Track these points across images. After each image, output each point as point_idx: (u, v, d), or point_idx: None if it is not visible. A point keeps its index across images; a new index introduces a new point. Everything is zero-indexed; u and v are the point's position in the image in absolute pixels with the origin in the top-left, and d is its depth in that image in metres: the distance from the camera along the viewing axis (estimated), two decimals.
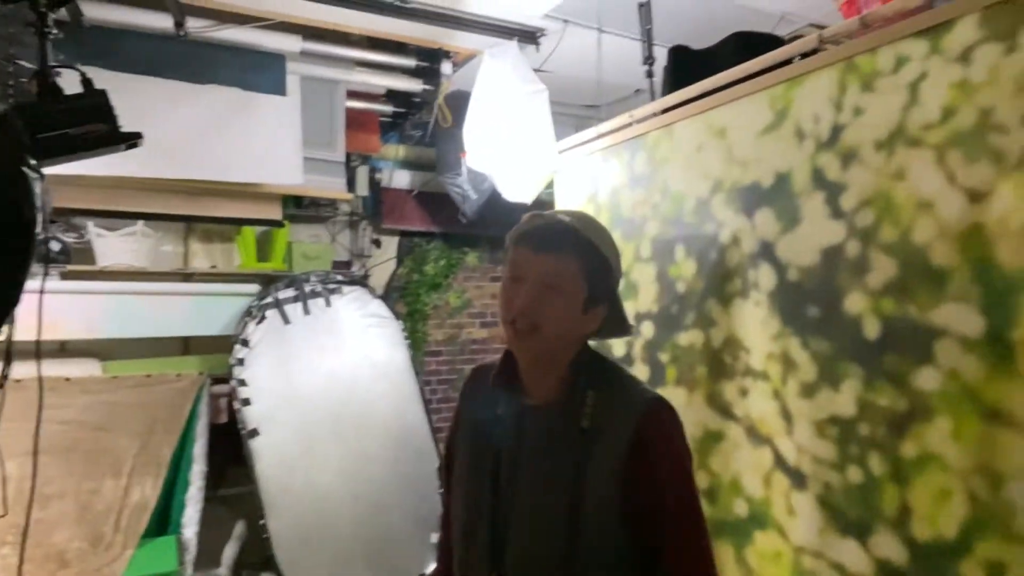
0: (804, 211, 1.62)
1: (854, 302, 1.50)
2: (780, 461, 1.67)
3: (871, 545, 1.46)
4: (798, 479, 1.62)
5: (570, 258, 1.15)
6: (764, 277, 1.73)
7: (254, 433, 3.14)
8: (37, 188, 1.35)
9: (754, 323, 1.76)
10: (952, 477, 1.31)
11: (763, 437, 1.72)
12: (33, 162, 1.36)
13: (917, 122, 1.38)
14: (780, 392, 1.68)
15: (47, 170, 1.40)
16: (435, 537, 3.54)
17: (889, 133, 1.43)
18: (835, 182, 1.55)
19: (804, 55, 1.66)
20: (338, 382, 3.46)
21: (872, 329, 1.46)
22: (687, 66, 2.19)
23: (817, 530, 1.57)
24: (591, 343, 1.24)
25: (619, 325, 1.24)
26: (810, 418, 1.60)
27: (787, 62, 1.70)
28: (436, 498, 3.58)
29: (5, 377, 1.49)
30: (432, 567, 3.46)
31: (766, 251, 1.72)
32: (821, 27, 1.73)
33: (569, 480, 1.11)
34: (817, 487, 1.58)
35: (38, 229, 1.34)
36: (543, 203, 3.26)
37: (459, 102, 3.48)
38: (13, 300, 1.34)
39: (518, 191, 3.08)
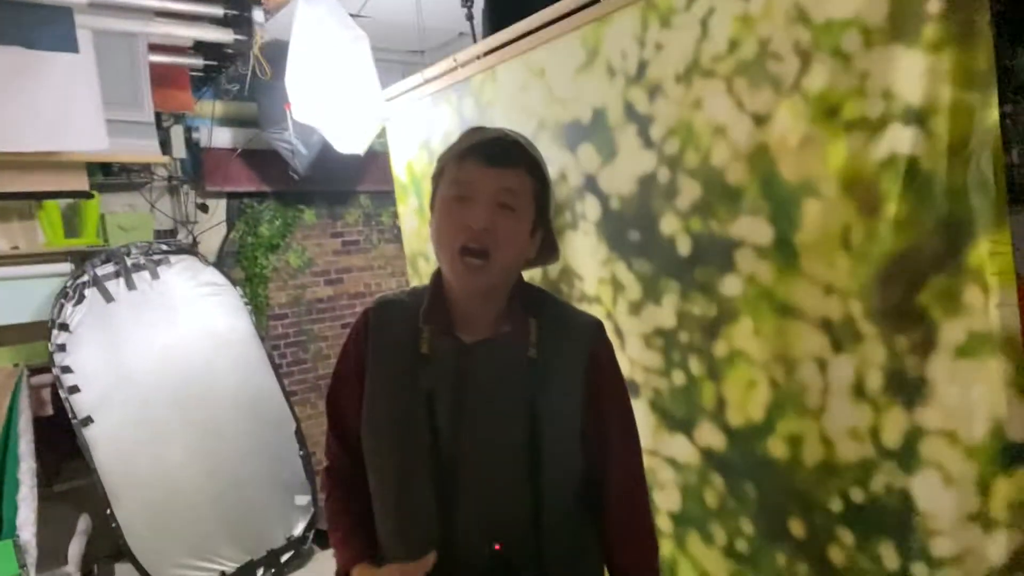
0: (620, 143, 1.74)
1: (668, 224, 1.65)
2: None
3: (696, 437, 1.65)
4: (633, 389, 1.78)
5: (523, 174, 1.07)
6: (590, 208, 1.84)
7: (87, 421, 2.93)
8: None
9: (585, 252, 1.88)
10: (756, 368, 1.51)
11: None
12: None
13: (709, 54, 1.51)
14: (612, 313, 1.82)
15: None
16: (300, 500, 3.52)
17: (686, 66, 1.56)
18: (644, 115, 1.67)
19: None
20: (176, 357, 3.28)
21: (684, 246, 1.62)
22: (504, 8, 2.23)
23: (651, 431, 1.74)
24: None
25: (551, 251, 1.19)
26: (639, 333, 1.75)
27: (595, 1, 1.78)
28: (296, 461, 3.55)
29: None
30: (300, 527, 3.46)
31: (590, 183, 1.83)
32: None
33: (525, 419, 1.04)
34: (649, 393, 1.75)
35: None
36: (376, 153, 3.22)
37: (277, 52, 3.31)
38: None
39: (349, 142, 3.01)
